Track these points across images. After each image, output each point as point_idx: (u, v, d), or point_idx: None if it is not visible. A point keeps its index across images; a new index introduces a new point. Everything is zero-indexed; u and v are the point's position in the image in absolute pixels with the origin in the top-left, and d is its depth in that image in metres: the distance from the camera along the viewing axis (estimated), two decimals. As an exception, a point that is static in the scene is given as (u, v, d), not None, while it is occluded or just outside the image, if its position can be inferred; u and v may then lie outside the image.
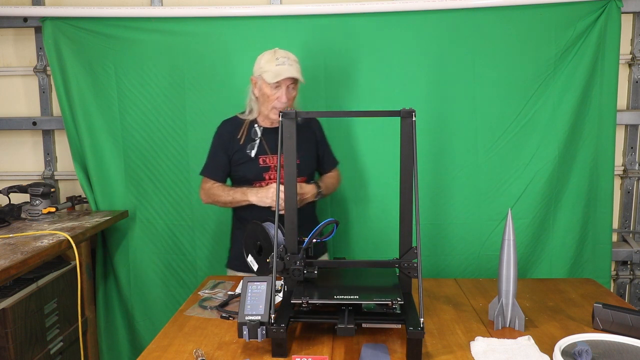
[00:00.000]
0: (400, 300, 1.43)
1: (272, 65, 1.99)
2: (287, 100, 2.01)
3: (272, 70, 1.98)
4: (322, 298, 1.49)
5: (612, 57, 2.44)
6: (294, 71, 1.99)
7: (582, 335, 1.43)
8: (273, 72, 1.98)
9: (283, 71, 1.97)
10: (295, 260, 1.57)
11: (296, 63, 2.04)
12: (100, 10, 2.52)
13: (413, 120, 1.53)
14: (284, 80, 1.99)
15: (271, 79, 1.98)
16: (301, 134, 2.09)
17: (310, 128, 2.17)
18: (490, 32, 2.46)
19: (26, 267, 1.84)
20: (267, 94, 2.02)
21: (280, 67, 1.98)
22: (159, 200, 2.64)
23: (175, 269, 2.69)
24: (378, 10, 2.46)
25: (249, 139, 2.11)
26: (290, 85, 2.02)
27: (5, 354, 1.83)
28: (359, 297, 1.46)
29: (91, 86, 2.58)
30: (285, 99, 2.01)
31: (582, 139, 2.51)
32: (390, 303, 1.42)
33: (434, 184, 2.55)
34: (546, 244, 2.57)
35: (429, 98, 2.50)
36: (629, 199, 2.74)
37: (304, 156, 2.09)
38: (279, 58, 2.01)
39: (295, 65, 2.03)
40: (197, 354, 1.38)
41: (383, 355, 1.37)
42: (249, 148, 2.10)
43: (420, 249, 1.45)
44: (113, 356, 2.74)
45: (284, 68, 1.98)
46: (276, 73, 1.98)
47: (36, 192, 2.41)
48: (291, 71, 1.98)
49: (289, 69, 1.99)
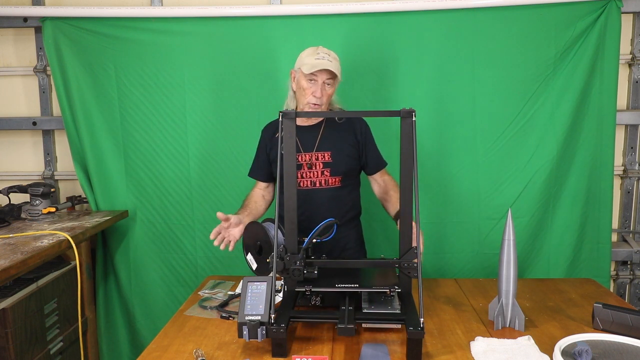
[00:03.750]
0: (398, 288, 1.55)
1: (312, 58, 1.98)
2: (321, 96, 1.99)
3: (310, 62, 1.98)
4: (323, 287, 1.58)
5: (612, 57, 2.44)
6: (331, 65, 1.97)
7: (582, 335, 1.44)
8: (311, 64, 1.97)
9: (320, 64, 1.96)
10: (295, 260, 1.57)
11: (336, 61, 2.02)
12: (100, 10, 2.52)
13: (413, 120, 1.53)
14: (321, 73, 1.97)
15: (308, 69, 1.97)
16: (338, 133, 2.08)
17: (350, 127, 2.12)
18: (490, 32, 2.46)
19: (26, 267, 1.84)
20: (304, 86, 2.00)
21: (319, 60, 1.97)
22: (159, 200, 2.64)
23: (176, 268, 2.69)
24: (378, 10, 2.47)
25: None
26: (326, 81, 2.00)
27: (5, 354, 1.83)
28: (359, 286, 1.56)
29: (91, 86, 2.58)
30: (320, 94, 1.98)
31: (582, 138, 2.52)
32: (389, 291, 1.54)
33: (434, 183, 2.56)
34: (544, 243, 2.58)
35: (429, 98, 2.51)
36: (629, 199, 2.74)
37: (338, 155, 2.05)
38: (320, 53, 2.00)
39: (335, 62, 2.00)
40: (197, 354, 1.38)
41: (383, 355, 1.37)
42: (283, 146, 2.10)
43: (420, 249, 1.45)
44: (113, 356, 2.74)
45: (322, 62, 1.97)
46: (313, 65, 1.96)
47: (36, 192, 2.41)
48: (328, 65, 1.96)
49: (327, 63, 1.97)
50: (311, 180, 2.03)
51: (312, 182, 2.03)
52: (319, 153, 2.04)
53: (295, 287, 1.59)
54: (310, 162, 2.04)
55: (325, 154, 2.04)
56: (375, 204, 2.58)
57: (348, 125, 2.11)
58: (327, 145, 2.05)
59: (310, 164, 2.04)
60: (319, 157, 2.04)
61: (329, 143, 2.06)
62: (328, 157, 2.04)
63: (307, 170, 2.04)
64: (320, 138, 2.06)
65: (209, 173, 2.60)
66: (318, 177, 2.03)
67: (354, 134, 2.11)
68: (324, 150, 2.05)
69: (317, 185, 2.03)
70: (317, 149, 2.05)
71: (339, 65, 2.02)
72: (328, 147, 2.05)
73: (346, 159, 2.07)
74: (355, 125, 2.12)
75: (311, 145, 2.05)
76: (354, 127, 2.11)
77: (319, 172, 2.04)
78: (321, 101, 1.99)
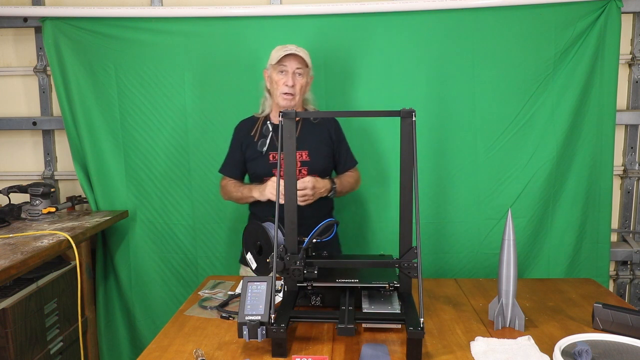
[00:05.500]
0: (397, 283, 1.58)
1: (280, 51, 2.04)
2: (293, 84, 2.04)
3: (278, 54, 2.04)
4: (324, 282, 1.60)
5: (612, 57, 2.44)
6: (299, 52, 2.02)
7: (582, 335, 1.43)
8: (279, 54, 2.03)
9: (288, 51, 2.01)
10: (295, 260, 1.57)
11: (305, 52, 2.08)
12: (100, 10, 2.52)
13: (413, 120, 1.53)
14: (290, 62, 2.02)
15: (276, 59, 2.02)
16: (314, 132, 2.13)
17: (324, 127, 2.18)
18: (490, 32, 2.46)
19: (26, 267, 1.84)
20: (276, 79, 2.06)
21: (286, 50, 2.03)
22: (159, 200, 2.65)
23: (176, 267, 2.69)
24: (378, 10, 2.47)
25: (261, 135, 2.15)
26: (297, 71, 2.04)
27: (5, 354, 1.83)
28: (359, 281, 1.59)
29: (91, 86, 2.58)
30: (292, 82, 2.03)
31: (581, 138, 2.52)
32: (388, 286, 1.57)
33: (434, 183, 2.56)
34: (544, 243, 2.58)
35: (429, 98, 2.51)
36: (629, 199, 2.74)
37: (315, 154, 2.11)
38: (288, 47, 2.06)
39: (304, 52, 2.06)
40: (197, 354, 1.38)
41: (383, 355, 1.37)
42: (260, 144, 2.13)
43: (420, 249, 1.45)
44: (113, 356, 2.74)
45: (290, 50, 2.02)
46: (280, 54, 2.02)
47: (36, 192, 2.41)
48: (296, 51, 2.02)
49: (295, 50, 2.02)
50: None
51: None
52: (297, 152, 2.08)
53: (296, 285, 1.60)
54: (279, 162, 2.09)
55: (302, 153, 2.10)
56: (375, 204, 2.60)
57: (323, 125, 2.17)
58: (305, 145, 2.11)
59: None
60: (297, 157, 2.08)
61: (306, 142, 2.12)
62: (306, 156, 2.10)
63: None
64: (298, 137, 2.11)
65: (209, 173, 2.60)
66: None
67: (328, 133, 2.17)
68: (301, 150, 2.10)
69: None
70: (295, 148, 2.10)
71: (307, 54, 2.08)
72: (305, 147, 2.11)
73: (323, 157, 2.14)
74: (329, 124, 2.19)
75: None
76: (328, 127, 2.18)
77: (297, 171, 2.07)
78: (294, 90, 2.04)
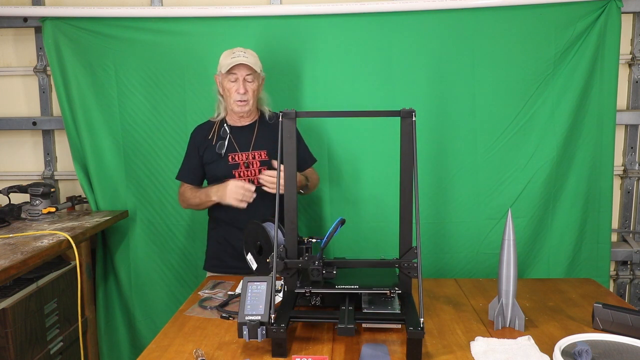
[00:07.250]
0: (398, 289, 1.54)
1: (228, 59, 2.08)
2: (245, 92, 2.08)
3: (227, 62, 2.07)
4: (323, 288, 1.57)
5: (612, 57, 2.44)
6: (247, 61, 2.06)
7: (582, 335, 1.43)
8: (228, 63, 2.07)
9: (236, 60, 2.05)
10: (314, 260, 1.57)
11: (253, 57, 2.12)
12: (100, 10, 2.52)
13: (413, 120, 1.53)
14: (239, 70, 2.06)
15: (226, 68, 2.06)
16: (272, 132, 2.15)
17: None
18: (490, 32, 2.46)
19: (26, 267, 1.84)
20: (227, 87, 2.11)
21: (235, 59, 2.07)
22: (159, 200, 2.64)
23: (176, 267, 2.69)
24: (378, 10, 2.46)
25: (219, 138, 2.18)
26: (247, 78, 2.09)
27: (5, 354, 1.83)
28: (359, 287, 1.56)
29: (91, 86, 2.57)
30: (244, 89, 2.08)
31: (581, 138, 2.52)
32: (389, 292, 1.53)
33: (434, 183, 2.56)
34: (544, 243, 2.58)
35: (429, 98, 2.50)
36: (629, 199, 2.74)
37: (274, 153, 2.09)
38: (236, 52, 2.10)
39: (252, 57, 2.10)
40: (197, 354, 1.38)
41: (383, 355, 1.37)
42: (218, 147, 2.16)
43: (420, 249, 1.45)
44: (113, 356, 2.74)
45: (238, 59, 2.06)
46: (229, 63, 2.06)
47: (36, 192, 2.41)
48: (244, 60, 2.05)
49: (244, 59, 2.06)
50: (249, 179, 2.13)
51: (251, 181, 2.12)
52: (255, 152, 2.15)
53: (296, 289, 1.58)
54: (247, 161, 2.13)
55: (261, 152, 2.14)
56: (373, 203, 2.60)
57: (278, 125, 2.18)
58: (263, 144, 2.15)
59: (247, 163, 2.13)
60: (256, 156, 2.14)
61: (265, 142, 2.15)
62: (264, 155, 2.14)
63: (245, 169, 2.14)
64: (256, 137, 2.17)
65: (209, 173, 2.60)
66: (256, 175, 2.12)
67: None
68: (260, 149, 2.15)
69: (256, 183, 2.10)
70: (253, 148, 2.15)
71: (257, 61, 2.12)
72: (264, 146, 2.15)
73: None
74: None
75: (247, 144, 2.16)
76: None
77: (256, 171, 2.13)
78: (246, 97, 2.09)
